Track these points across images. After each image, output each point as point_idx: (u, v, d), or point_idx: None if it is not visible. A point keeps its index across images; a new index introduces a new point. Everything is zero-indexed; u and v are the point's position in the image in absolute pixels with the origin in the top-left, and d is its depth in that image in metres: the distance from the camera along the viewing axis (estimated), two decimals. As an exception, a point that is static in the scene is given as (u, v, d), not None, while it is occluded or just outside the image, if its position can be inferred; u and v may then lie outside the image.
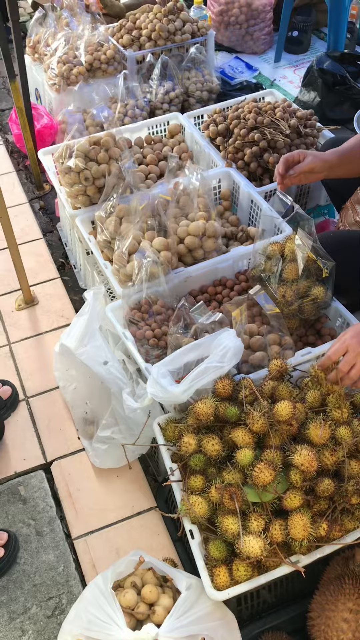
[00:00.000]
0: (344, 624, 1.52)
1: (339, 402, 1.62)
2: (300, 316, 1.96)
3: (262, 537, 1.45)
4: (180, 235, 2.17)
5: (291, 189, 2.58)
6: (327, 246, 1.94)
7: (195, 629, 1.39)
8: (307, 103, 3.43)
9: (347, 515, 1.57)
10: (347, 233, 2.20)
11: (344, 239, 2.15)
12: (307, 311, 1.94)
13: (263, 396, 1.66)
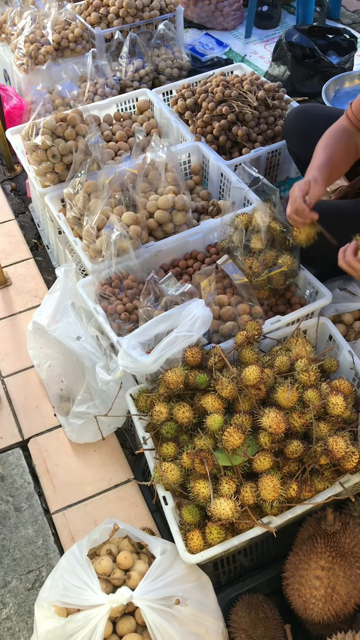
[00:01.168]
0: (317, 581, 1.55)
1: (306, 366, 1.65)
2: (269, 286, 1.98)
3: (233, 499, 1.47)
4: (150, 209, 2.17)
5: (260, 162, 2.59)
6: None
7: (169, 591, 1.41)
8: (277, 77, 3.42)
9: (317, 476, 1.60)
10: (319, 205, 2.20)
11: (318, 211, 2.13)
12: (275, 281, 1.95)
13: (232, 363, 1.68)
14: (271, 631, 1.63)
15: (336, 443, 1.50)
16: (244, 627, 1.63)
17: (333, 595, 1.54)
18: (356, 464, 1.54)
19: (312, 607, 1.56)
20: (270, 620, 1.65)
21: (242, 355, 1.71)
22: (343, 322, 2.09)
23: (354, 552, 1.58)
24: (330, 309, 2.08)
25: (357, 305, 2.08)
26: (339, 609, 1.56)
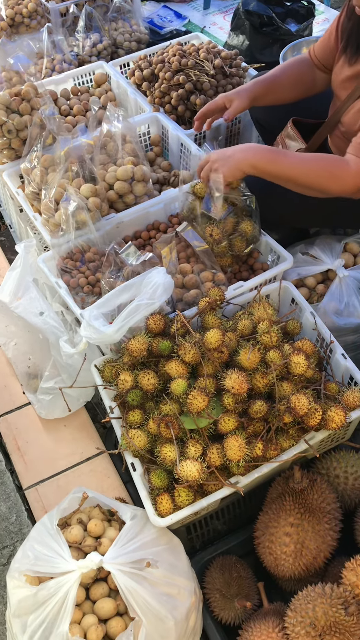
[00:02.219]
0: (286, 537, 1.58)
1: (268, 328, 1.66)
2: (231, 253, 1.98)
3: (200, 461, 1.48)
4: (109, 181, 2.14)
5: (221, 131, 2.58)
6: (256, 182, 1.94)
7: (140, 554, 1.42)
8: (236, 47, 3.40)
9: (282, 434, 1.62)
10: None
11: None
12: (237, 247, 1.95)
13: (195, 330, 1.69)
14: (244, 589, 1.66)
15: (298, 400, 1.52)
16: (218, 587, 1.66)
17: (303, 550, 1.57)
18: (319, 420, 1.56)
19: (283, 563, 1.59)
20: (244, 579, 1.68)
21: (205, 321, 1.71)
22: (306, 285, 2.10)
23: (322, 508, 1.61)
24: (293, 274, 2.09)
25: (319, 269, 2.09)
26: (309, 563, 1.59)
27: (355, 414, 1.63)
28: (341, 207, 1.97)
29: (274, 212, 2.02)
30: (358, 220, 2.11)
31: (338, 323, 1.99)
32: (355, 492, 1.72)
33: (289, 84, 2.07)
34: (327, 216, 2.06)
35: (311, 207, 2.00)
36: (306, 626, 1.46)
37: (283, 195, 1.95)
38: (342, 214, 2.04)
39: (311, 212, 2.05)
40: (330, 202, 1.95)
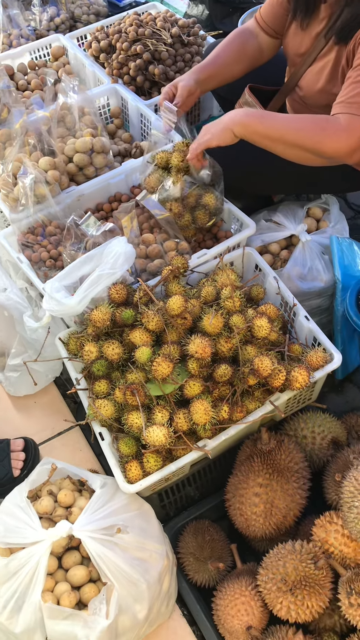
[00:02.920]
0: (256, 497, 1.60)
1: (230, 293, 1.66)
2: (194, 225, 1.97)
3: (166, 426, 1.49)
4: (68, 153, 2.12)
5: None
6: (221, 151, 1.94)
7: (110, 521, 1.43)
8: (196, 17, 3.36)
9: (248, 397, 1.63)
10: None
11: None
12: (200, 220, 1.94)
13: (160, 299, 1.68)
14: (217, 552, 1.68)
15: (261, 362, 1.53)
16: (192, 551, 1.68)
17: (272, 509, 1.60)
18: (283, 381, 1.58)
19: (254, 524, 1.61)
20: (217, 542, 1.70)
21: (169, 290, 1.71)
22: (270, 252, 2.11)
23: (290, 467, 1.63)
24: (257, 240, 2.10)
25: (282, 235, 2.10)
26: (279, 522, 1.61)
27: (319, 373, 1.65)
28: (306, 174, 1.98)
29: (239, 181, 2.01)
30: (324, 186, 2.11)
31: (302, 287, 2.01)
32: (322, 452, 1.75)
33: (233, 60, 2.01)
34: (292, 183, 2.06)
35: (276, 175, 2.00)
36: (277, 582, 1.49)
37: (248, 165, 1.95)
38: (307, 180, 2.05)
39: (277, 180, 2.05)
40: (296, 170, 1.95)
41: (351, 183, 2.04)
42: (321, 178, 2.02)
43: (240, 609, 1.53)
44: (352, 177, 1.99)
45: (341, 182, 2.05)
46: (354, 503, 1.46)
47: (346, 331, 2.02)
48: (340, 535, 1.53)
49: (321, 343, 1.72)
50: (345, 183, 2.09)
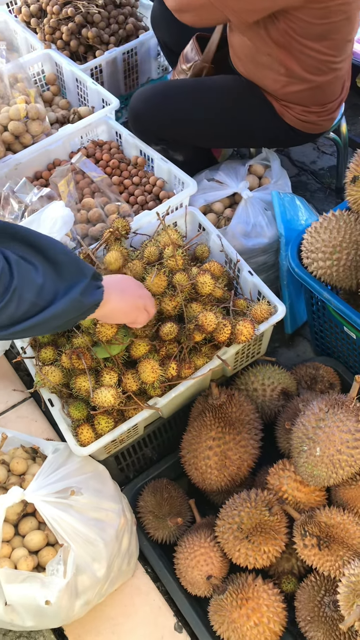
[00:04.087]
0: (209, 451, 1.62)
1: (173, 252, 1.66)
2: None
3: (114, 387, 1.49)
4: (2, 122, 2.06)
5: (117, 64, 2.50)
6: (146, 100, 1.92)
7: (63, 484, 1.44)
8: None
9: (196, 353, 1.64)
10: (165, 83, 2.17)
11: (163, 89, 2.10)
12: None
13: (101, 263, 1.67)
14: (176, 508, 1.71)
15: (206, 318, 1.54)
16: (150, 509, 1.70)
17: (226, 461, 1.62)
18: (229, 335, 1.59)
19: (209, 477, 1.64)
20: (175, 499, 1.72)
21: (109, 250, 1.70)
22: (213, 211, 2.11)
23: (241, 419, 1.66)
24: (200, 200, 2.09)
25: (224, 193, 2.09)
26: (234, 474, 1.64)
27: (264, 326, 1.67)
28: (246, 124, 2.00)
29: (172, 133, 2.01)
30: (259, 139, 2.12)
31: (247, 244, 2.01)
32: (273, 403, 1.77)
33: None
34: (222, 134, 2.06)
35: (213, 126, 2.00)
36: (234, 531, 1.52)
37: (174, 112, 1.95)
38: (247, 133, 2.05)
39: (206, 130, 2.05)
40: (235, 121, 1.96)
41: (286, 136, 2.05)
42: (251, 128, 2.03)
43: (199, 560, 1.56)
44: (285, 129, 2.02)
45: (274, 133, 2.06)
46: (303, 447, 1.49)
47: (292, 286, 2.04)
48: (292, 481, 1.57)
49: (265, 296, 1.73)
50: (280, 136, 2.09)
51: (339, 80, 1.94)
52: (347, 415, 1.45)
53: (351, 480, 1.51)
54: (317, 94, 1.92)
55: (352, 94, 2.87)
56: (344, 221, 1.63)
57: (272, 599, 1.50)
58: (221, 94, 1.99)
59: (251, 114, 1.97)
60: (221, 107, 1.94)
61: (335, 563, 1.45)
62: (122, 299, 1.34)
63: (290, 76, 1.84)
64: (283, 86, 1.88)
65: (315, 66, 1.81)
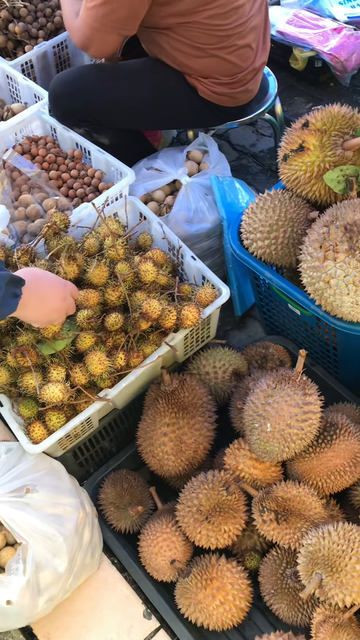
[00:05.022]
0: (164, 437, 1.63)
1: (113, 242, 1.65)
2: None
3: (62, 382, 1.48)
4: None
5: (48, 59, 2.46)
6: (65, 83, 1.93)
7: (17, 483, 1.43)
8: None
9: (144, 342, 1.64)
10: (83, 67, 2.17)
11: (82, 72, 2.09)
12: None
13: (42, 257, 1.66)
14: (137, 497, 1.71)
15: (150, 305, 1.54)
16: (111, 500, 1.70)
17: (182, 446, 1.63)
18: (175, 321, 1.60)
19: (166, 462, 1.65)
20: (135, 488, 1.73)
21: (51, 247, 1.68)
22: (154, 199, 2.11)
23: (194, 403, 1.67)
24: (140, 189, 2.09)
25: (164, 181, 2.09)
26: (190, 457, 1.65)
27: (209, 309, 1.68)
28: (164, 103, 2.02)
29: (97, 114, 2.02)
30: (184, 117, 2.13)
31: (190, 230, 2.02)
32: (226, 384, 1.79)
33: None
34: (149, 115, 2.07)
35: (132, 107, 2.02)
36: (194, 514, 1.54)
37: (103, 95, 1.98)
38: (166, 111, 2.07)
39: (134, 113, 2.08)
40: (153, 100, 1.97)
41: (206, 112, 2.08)
42: (169, 107, 2.08)
43: (162, 545, 1.57)
44: (203, 104, 2.06)
45: (194, 110, 2.09)
46: (254, 425, 1.51)
47: (238, 268, 2.06)
48: (248, 459, 1.59)
49: (209, 280, 1.74)
50: (200, 112, 2.12)
51: (242, 49, 1.99)
52: (294, 389, 1.48)
53: (304, 453, 1.54)
54: (221, 64, 1.97)
55: (287, 75, 2.92)
56: (279, 200, 1.65)
57: (236, 577, 1.52)
58: (137, 74, 2.03)
59: (167, 92, 2.02)
60: (137, 87, 1.99)
61: (294, 535, 1.48)
62: (37, 308, 1.37)
63: (190, 49, 1.92)
64: (188, 60, 1.95)
65: (207, 35, 1.88)
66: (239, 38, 1.95)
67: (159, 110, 2.06)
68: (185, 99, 2.04)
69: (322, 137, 1.52)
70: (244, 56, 2.02)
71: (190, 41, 1.92)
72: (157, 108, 2.06)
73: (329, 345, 1.77)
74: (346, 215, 1.44)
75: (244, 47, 1.98)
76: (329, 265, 1.43)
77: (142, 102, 2.01)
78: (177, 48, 1.95)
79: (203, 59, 1.97)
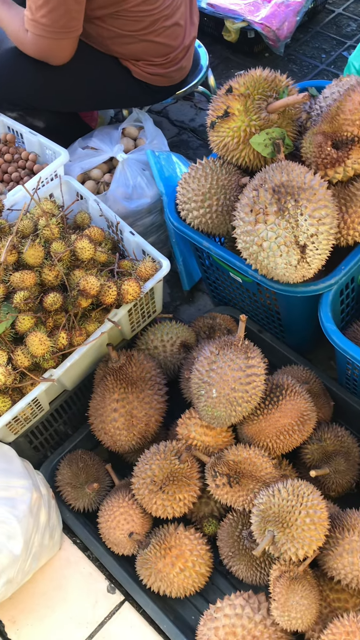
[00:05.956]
0: (114, 413, 1.63)
1: (47, 222, 1.64)
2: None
3: (4, 366, 1.47)
4: None
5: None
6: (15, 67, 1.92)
7: (-34, 470, 1.42)
8: None
9: (87, 320, 1.64)
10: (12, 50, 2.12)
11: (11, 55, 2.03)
12: None
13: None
14: (93, 475, 1.71)
15: (87, 282, 1.53)
16: (68, 480, 1.70)
17: (132, 420, 1.64)
18: (116, 296, 1.60)
19: (119, 438, 1.65)
20: (91, 466, 1.73)
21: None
22: (92, 178, 2.09)
23: (142, 377, 1.67)
24: (77, 169, 2.07)
25: (101, 159, 2.08)
26: (143, 430, 1.66)
27: (151, 283, 1.68)
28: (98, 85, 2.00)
29: (29, 98, 1.99)
30: (120, 98, 2.12)
31: (130, 207, 2.01)
32: (175, 357, 1.80)
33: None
34: (82, 97, 2.05)
35: (63, 89, 2.00)
36: (148, 485, 1.55)
37: (33, 78, 1.96)
38: (101, 93, 2.05)
39: (66, 96, 2.06)
40: (86, 82, 1.95)
41: (142, 92, 2.08)
42: (104, 89, 2.06)
43: (120, 519, 1.58)
44: (139, 85, 2.05)
45: (130, 91, 2.08)
46: (200, 392, 1.52)
47: (182, 242, 2.06)
48: (199, 427, 1.60)
49: (149, 254, 1.74)
50: (136, 93, 2.11)
51: (171, 28, 1.98)
52: (237, 354, 1.49)
53: (253, 416, 1.56)
54: (152, 47, 1.97)
55: (222, 48, 2.92)
56: (210, 168, 1.65)
57: (194, 543, 1.54)
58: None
59: (101, 75, 2.00)
60: (69, 69, 1.94)
61: (247, 497, 1.50)
62: None
63: (120, 38, 1.92)
64: (119, 47, 1.95)
65: (136, 22, 1.88)
66: (166, 19, 1.95)
67: (93, 92, 2.04)
68: (119, 80, 2.03)
69: (246, 101, 1.53)
70: (173, 35, 2.01)
71: (120, 30, 1.91)
72: (91, 90, 2.03)
73: (273, 310, 1.79)
74: (274, 177, 1.45)
75: (172, 26, 1.98)
76: (261, 229, 1.44)
77: (75, 85, 1.98)
78: (107, 37, 1.94)
79: (134, 45, 1.96)
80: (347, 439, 1.65)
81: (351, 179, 1.57)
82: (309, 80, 2.77)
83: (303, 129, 1.62)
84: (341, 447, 1.63)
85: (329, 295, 1.57)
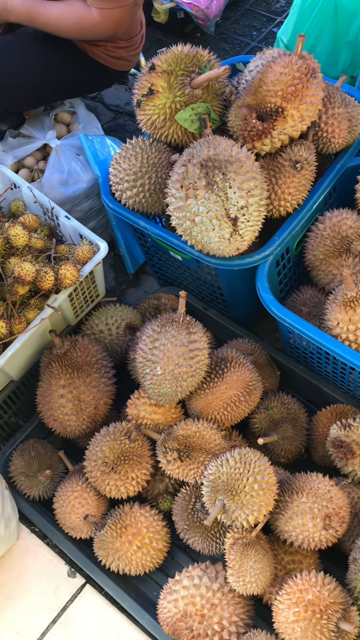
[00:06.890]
0: (62, 399, 1.63)
1: (-21, 211, 1.61)
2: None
3: None
4: None
5: None
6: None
7: None
8: None
9: (26, 307, 1.63)
10: None
11: None
12: None
13: None
14: (46, 463, 1.71)
15: (22, 268, 1.52)
16: (21, 470, 1.69)
17: (81, 404, 1.64)
18: (53, 282, 1.59)
19: (69, 423, 1.65)
20: (43, 455, 1.72)
21: None
22: (26, 166, 2.06)
23: (88, 361, 1.67)
24: (10, 158, 2.04)
25: (34, 146, 2.05)
26: (92, 414, 1.66)
27: (89, 266, 1.68)
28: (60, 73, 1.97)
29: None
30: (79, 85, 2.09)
31: (66, 193, 2.00)
32: (121, 339, 1.80)
33: None
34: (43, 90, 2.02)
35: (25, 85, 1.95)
36: (100, 466, 1.55)
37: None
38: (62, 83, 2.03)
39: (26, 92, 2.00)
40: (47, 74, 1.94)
41: (99, 77, 2.07)
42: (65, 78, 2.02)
43: (74, 504, 1.58)
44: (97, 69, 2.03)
45: (89, 77, 2.06)
46: (146, 370, 1.53)
47: (122, 225, 2.06)
48: (148, 406, 1.61)
49: (86, 237, 1.73)
50: (94, 78, 2.09)
51: (138, 12, 1.98)
52: (179, 330, 1.50)
53: (199, 391, 1.58)
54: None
55: (153, 30, 2.90)
56: (140, 147, 1.65)
57: (150, 520, 1.56)
58: (24, 48, 1.94)
59: (60, 61, 1.96)
60: (29, 62, 1.89)
61: (198, 469, 1.52)
62: None
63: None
64: None
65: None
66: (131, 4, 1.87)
67: (56, 83, 2.01)
68: (77, 66, 1.99)
69: (170, 78, 1.53)
70: (139, 18, 2.02)
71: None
72: (52, 82, 1.99)
73: (215, 287, 1.81)
74: (201, 152, 1.46)
75: (136, 11, 1.96)
76: (192, 204, 1.45)
77: (34, 79, 1.94)
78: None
79: None
80: (293, 406, 1.68)
81: (279, 150, 1.59)
82: (241, 58, 2.78)
83: (228, 103, 1.63)
84: (288, 414, 1.66)
85: (265, 266, 1.60)
